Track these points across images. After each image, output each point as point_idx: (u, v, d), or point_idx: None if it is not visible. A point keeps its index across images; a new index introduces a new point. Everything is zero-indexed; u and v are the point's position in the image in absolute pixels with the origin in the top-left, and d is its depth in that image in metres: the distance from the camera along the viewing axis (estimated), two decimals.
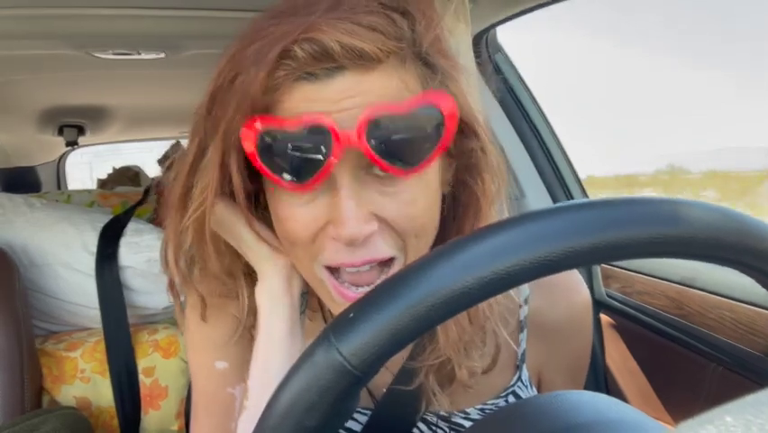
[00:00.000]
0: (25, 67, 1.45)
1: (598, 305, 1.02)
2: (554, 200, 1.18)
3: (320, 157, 0.39)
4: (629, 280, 0.95)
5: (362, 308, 0.30)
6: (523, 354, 0.59)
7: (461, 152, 0.47)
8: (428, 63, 0.44)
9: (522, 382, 0.59)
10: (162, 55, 1.34)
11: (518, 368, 0.59)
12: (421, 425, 0.57)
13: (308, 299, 0.55)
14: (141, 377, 1.15)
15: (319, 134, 0.39)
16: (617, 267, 0.99)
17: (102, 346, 1.14)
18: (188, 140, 0.48)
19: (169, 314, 1.28)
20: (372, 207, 0.42)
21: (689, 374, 0.78)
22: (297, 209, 0.43)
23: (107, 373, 1.13)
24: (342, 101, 0.40)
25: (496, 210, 0.50)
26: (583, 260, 0.30)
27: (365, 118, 0.39)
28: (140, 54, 1.32)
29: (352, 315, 0.30)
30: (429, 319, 0.29)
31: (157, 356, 1.16)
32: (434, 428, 0.57)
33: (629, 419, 0.36)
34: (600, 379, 0.99)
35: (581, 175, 1.20)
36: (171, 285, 0.55)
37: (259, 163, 0.42)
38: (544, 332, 0.59)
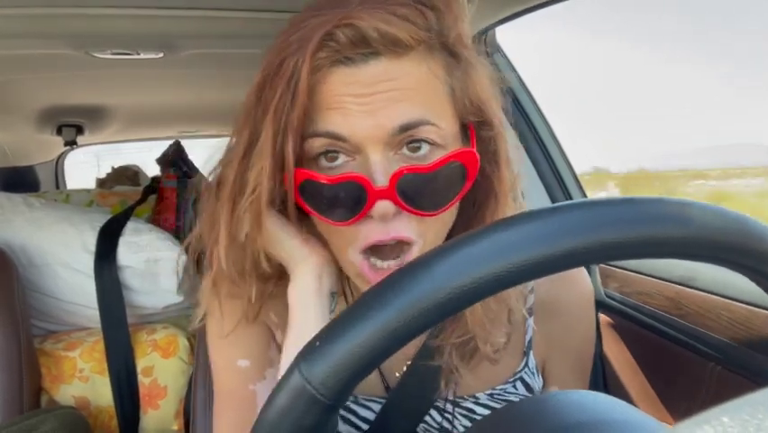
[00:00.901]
0: (24, 66, 1.45)
1: (597, 305, 1.02)
2: (553, 201, 1.18)
3: (356, 203, 0.45)
4: (628, 280, 0.95)
5: (328, 335, 0.30)
6: (530, 342, 0.60)
7: (480, 140, 0.50)
8: (453, 53, 0.48)
9: (529, 368, 0.60)
10: (161, 55, 1.34)
11: (525, 354, 0.60)
12: (432, 411, 0.58)
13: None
14: (140, 377, 1.15)
15: (354, 189, 0.44)
16: (616, 267, 0.99)
17: (101, 346, 1.14)
18: (236, 131, 0.50)
19: (167, 314, 1.28)
20: None
21: (687, 373, 0.78)
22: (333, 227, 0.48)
23: (106, 373, 1.13)
24: (377, 84, 0.44)
25: (514, 199, 0.52)
26: (584, 259, 0.30)
27: (396, 176, 0.44)
28: (138, 54, 1.32)
29: (318, 343, 0.30)
30: (395, 341, 0.29)
31: (156, 356, 1.16)
32: (444, 413, 0.58)
33: (629, 418, 0.37)
34: (599, 378, 0.99)
35: None
36: (215, 283, 0.56)
37: (305, 206, 0.47)
38: (550, 321, 0.61)
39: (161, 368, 1.16)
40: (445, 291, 0.29)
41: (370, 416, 0.58)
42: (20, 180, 2.35)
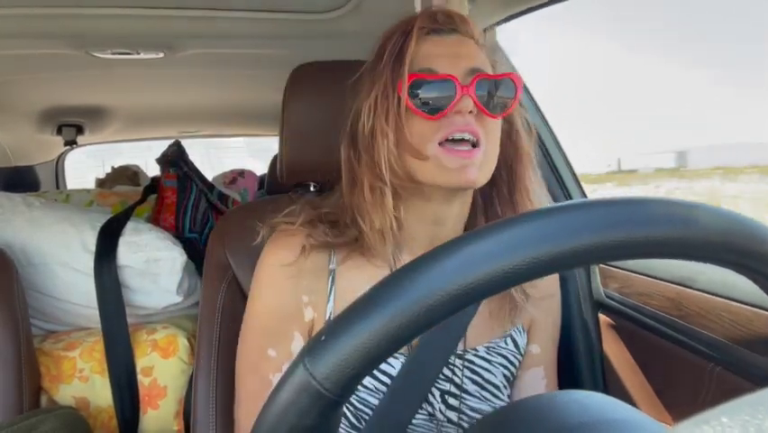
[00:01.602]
0: (25, 66, 1.45)
1: (597, 305, 1.02)
2: (553, 200, 1.18)
3: (448, 97, 0.63)
4: (628, 280, 0.95)
5: (333, 330, 0.30)
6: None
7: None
8: (486, 51, 0.71)
9: (517, 328, 0.76)
10: (161, 55, 1.34)
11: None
12: None
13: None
14: (140, 377, 1.15)
15: (448, 83, 0.63)
16: (616, 267, 0.99)
17: (100, 346, 1.14)
18: (363, 80, 0.70)
19: (167, 314, 1.28)
20: None
21: (687, 374, 0.78)
22: (427, 122, 0.65)
23: (106, 373, 1.13)
24: (455, 47, 0.67)
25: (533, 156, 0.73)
26: (587, 259, 0.30)
27: (477, 77, 0.64)
28: (138, 54, 1.32)
29: (323, 338, 0.30)
30: (400, 338, 0.29)
31: (156, 356, 1.16)
32: (450, 366, 0.70)
33: (628, 418, 0.37)
34: (599, 379, 0.99)
35: None
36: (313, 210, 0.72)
37: (409, 103, 0.64)
38: (533, 292, 0.76)
39: (161, 368, 1.16)
40: (451, 288, 0.29)
41: (392, 371, 0.67)
42: (20, 180, 2.35)
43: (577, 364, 1.01)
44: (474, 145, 0.63)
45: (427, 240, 0.72)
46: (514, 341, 0.75)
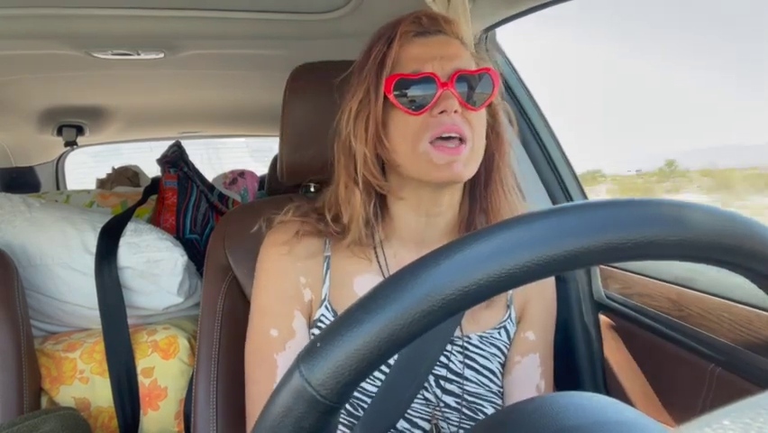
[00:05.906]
0: (25, 67, 1.45)
1: (598, 306, 1.01)
2: (553, 201, 1.18)
3: (430, 95, 0.67)
4: (628, 281, 0.95)
5: (328, 337, 0.30)
6: (511, 297, 0.79)
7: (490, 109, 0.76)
8: (471, 49, 0.75)
9: (510, 319, 0.79)
10: (161, 55, 1.34)
11: (508, 308, 0.79)
12: None
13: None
14: (141, 378, 1.15)
15: (429, 81, 0.67)
16: (617, 268, 0.99)
17: (101, 347, 1.14)
18: (351, 83, 0.73)
19: (168, 315, 1.28)
20: None
21: (687, 375, 0.78)
22: (413, 119, 0.68)
23: (106, 374, 1.13)
24: (441, 49, 0.69)
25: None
26: (589, 261, 0.30)
27: (456, 73, 0.67)
28: (139, 54, 1.32)
29: (319, 345, 0.30)
30: (394, 344, 0.29)
31: (156, 357, 1.16)
32: (446, 353, 0.73)
33: (629, 420, 0.36)
34: (599, 379, 0.99)
35: None
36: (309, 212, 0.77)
37: (394, 100, 0.68)
38: (524, 291, 0.80)
39: (162, 369, 1.16)
40: (446, 293, 0.29)
41: (390, 360, 0.68)
42: (20, 181, 2.36)
43: (577, 365, 1.01)
44: (461, 141, 0.67)
45: (419, 230, 0.75)
46: (506, 331, 0.77)
